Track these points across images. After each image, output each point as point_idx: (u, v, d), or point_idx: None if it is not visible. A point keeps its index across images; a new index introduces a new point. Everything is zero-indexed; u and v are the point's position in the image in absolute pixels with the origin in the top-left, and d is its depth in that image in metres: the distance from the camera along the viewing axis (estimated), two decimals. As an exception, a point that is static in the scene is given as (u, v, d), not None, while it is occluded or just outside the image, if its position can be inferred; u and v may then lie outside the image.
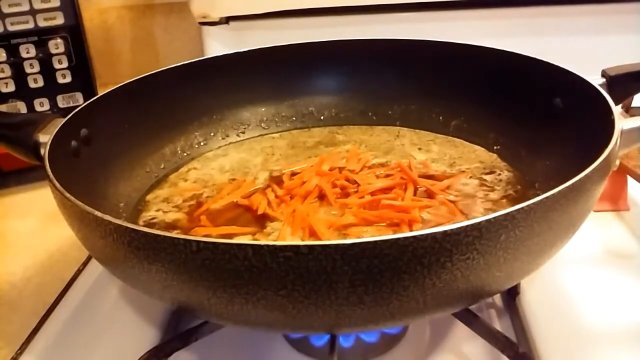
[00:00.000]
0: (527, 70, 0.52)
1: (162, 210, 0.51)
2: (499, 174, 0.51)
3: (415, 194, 0.48)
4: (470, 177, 0.51)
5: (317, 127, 0.63)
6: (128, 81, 0.55)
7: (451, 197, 0.48)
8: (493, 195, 0.49)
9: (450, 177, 0.51)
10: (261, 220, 0.47)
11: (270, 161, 0.58)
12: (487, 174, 0.52)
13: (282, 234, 0.45)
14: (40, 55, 0.72)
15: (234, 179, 0.55)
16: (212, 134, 0.62)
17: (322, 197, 0.49)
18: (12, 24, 0.71)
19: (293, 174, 0.54)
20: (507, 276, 0.35)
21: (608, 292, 0.47)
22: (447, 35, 0.59)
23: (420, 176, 0.51)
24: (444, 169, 0.53)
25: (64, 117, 0.48)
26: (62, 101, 0.74)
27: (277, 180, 0.54)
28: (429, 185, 0.49)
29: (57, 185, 0.38)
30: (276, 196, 0.50)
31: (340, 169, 0.54)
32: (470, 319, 0.43)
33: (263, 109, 0.64)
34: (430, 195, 0.48)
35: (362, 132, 0.62)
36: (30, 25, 0.72)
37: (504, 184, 0.50)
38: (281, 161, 0.58)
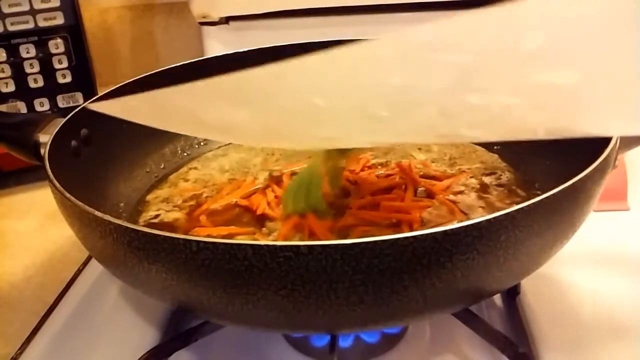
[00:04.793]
0: (527, 70, 0.52)
1: (162, 210, 0.51)
2: (500, 175, 0.51)
3: (415, 194, 0.48)
4: (472, 177, 0.51)
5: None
6: (128, 81, 0.55)
7: (451, 197, 0.48)
8: (493, 196, 0.49)
9: (451, 177, 0.51)
10: (261, 220, 0.47)
11: (270, 161, 0.58)
12: (487, 174, 0.51)
13: (281, 234, 0.45)
14: (40, 55, 0.72)
15: (233, 179, 0.55)
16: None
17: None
18: (12, 24, 0.71)
19: (293, 173, 0.54)
20: (507, 276, 0.35)
21: (608, 292, 0.47)
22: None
23: (420, 176, 0.51)
24: (444, 169, 0.53)
25: (64, 117, 0.48)
26: (62, 101, 0.74)
27: (276, 180, 0.53)
28: (429, 185, 0.49)
29: (57, 185, 0.38)
30: (276, 196, 0.50)
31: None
32: (470, 319, 0.43)
33: (263, 109, 0.64)
34: (430, 195, 0.48)
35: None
36: (30, 25, 0.72)
37: (504, 184, 0.50)
38: (281, 161, 0.58)
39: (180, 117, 0.37)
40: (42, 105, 0.74)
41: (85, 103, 0.51)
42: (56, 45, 0.73)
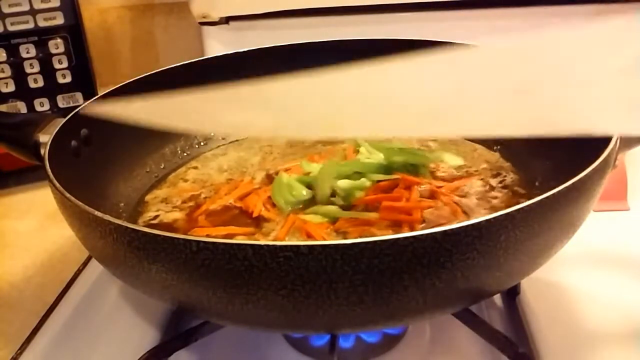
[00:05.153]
0: (527, 70, 0.52)
1: (162, 210, 0.51)
2: (505, 176, 0.51)
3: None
4: (481, 179, 0.51)
5: (317, 127, 0.63)
6: (128, 81, 0.55)
7: (455, 199, 0.48)
8: (498, 198, 0.48)
9: (459, 178, 0.51)
10: (259, 220, 0.47)
11: (268, 160, 0.58)
12: (493, 176, 0.51)
13: (279, 234, 0.45)
14: (40, 55, 0.72)
15: (231, 179, 0.55)
16: (212, 134, 0.62)
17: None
18: (12, 24, 0.71)
19: (287, 170, 0.54)
20: (507, 276, 0.35)
21: (608, 292, 0.47)
22: (447, 35, 0.59)
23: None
24: (450, 170, 0.53)
25: (64, 117, 0.48)
26: (62, 101, 0.74)
27: (272, 179, 0.53)
28: (435, 186, 0.49)
29: (57, 185, 0.38)
30: (269, 197, 0.50)
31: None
32: (470, 319, 0.43)
33: (263, 109, 0.64)
34: (433, 195, 0.48)
35: (362, 132, 0.62)
36: (30, 25, 0.72)
37: (509, 185, 0.50)
38: (278, 160, 0.58)
39: (188, 118, 0.37)
40: (42, 105, 0.74)
41: (84, 104, 0.51)
42: (56, 45, 0.73)
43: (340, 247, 0.29)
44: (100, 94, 0.53)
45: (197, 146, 0.60)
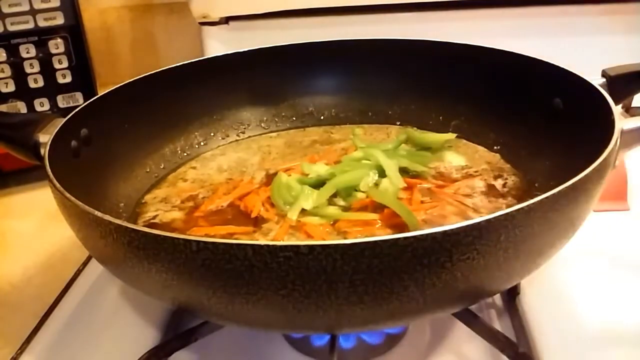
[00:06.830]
0: (528, 70, 0.52)
1: (161, 210, 0.51)
2: (506, 178, 0.51)
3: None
4: (483, 180, 0.51)
5: (316, 127, 0.64)
6: (128, 81, 0.55)
7: (458, 198, 0.48)
8: (496, 196, 0.48)
9: (462, 179, 0.51)
10: (257, 220, 0.47)
11: (267, 160, 0.58)
12: (495, 177, 0.51)
13: (279, 234, 0.45)
14: (40, 55, 0.72)
15: (230, 179, 0.55)
16: (212, 134, 0.62)
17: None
18: (12, 24, 0.71)
19: (287, 170, 0.53)
20: (507, 276, 0.35)
21: (608, 292, 0.47)
22: (447, 35, 0.59)
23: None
24: (451, 170, 0.53)
25: (64, 117, 0.48)
26: (62, 101, 0.74)
27: (272, 178, 0.53)
28: (437, 186, 0.49)
29: (57, 185, 0.38)
30: (268, 197, 0.50)
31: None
32: (470, 319, 0.43)
33: (263, 109, 0.64)
34: (434, 195, 0.48)
35: (363, 132, 0.62)
36: (30, 25, 0.72)
37: (509, 186, 0.50)
38: (278, 160, 0.58)
39: None
40: (42, 105, 0.74)
41: (84, 104, 0.50)
42: (56, 45, 0.73)
43: (340, 247, 0.29)
44: (100, 93, 0.53)
45: (196, 146, 0.60)
